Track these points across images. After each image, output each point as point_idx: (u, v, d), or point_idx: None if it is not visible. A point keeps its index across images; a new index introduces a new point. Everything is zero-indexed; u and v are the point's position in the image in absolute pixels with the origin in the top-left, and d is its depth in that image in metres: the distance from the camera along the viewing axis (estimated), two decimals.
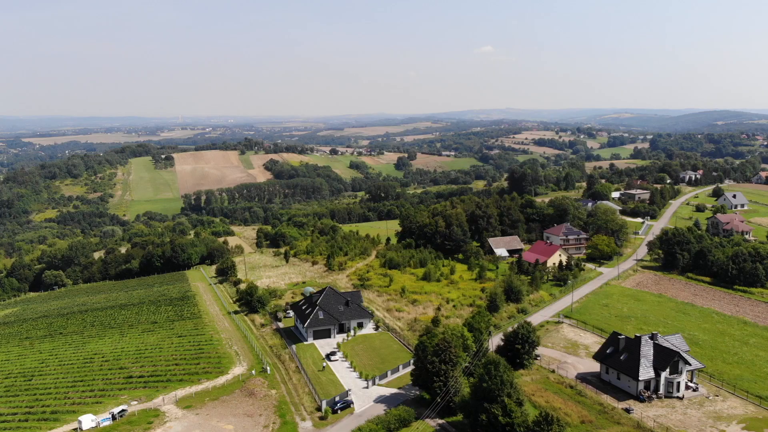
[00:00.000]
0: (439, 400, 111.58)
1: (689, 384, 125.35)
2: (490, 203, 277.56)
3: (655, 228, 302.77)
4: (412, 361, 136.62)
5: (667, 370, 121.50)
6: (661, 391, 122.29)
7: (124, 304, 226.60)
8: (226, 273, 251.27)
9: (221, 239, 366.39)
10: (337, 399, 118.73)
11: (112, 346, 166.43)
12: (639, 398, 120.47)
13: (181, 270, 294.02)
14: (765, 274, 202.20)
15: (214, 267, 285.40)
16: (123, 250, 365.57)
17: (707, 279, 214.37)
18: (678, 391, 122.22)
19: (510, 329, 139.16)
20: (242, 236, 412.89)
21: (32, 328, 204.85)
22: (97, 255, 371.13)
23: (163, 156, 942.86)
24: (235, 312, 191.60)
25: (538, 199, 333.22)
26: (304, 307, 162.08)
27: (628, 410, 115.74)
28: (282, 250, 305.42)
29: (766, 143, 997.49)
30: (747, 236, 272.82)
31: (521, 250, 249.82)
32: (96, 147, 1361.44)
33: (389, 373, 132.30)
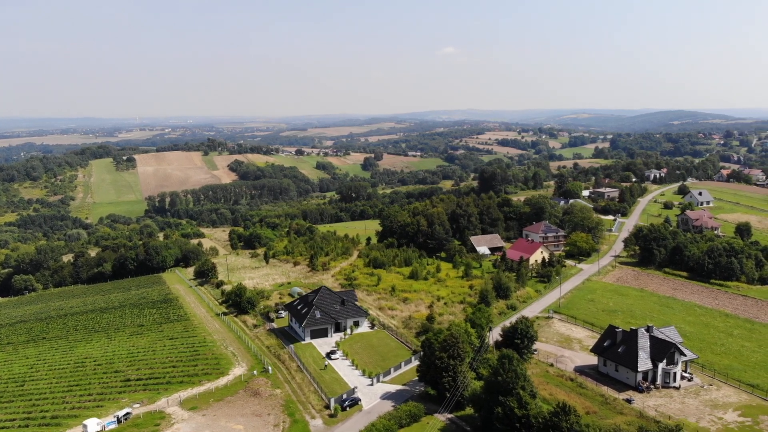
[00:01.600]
0: (448, 395, 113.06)
1: (684, 374, 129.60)
2: (470, 202, 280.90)
3: (627, 225, 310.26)
4: (413, 358, 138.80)
5: (664, 361, 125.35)
6: (659, 381, 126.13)
7: (104, 307, 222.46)
8: (206, 275, 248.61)
9: (194, 241, 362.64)
10: (344, 397, 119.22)
11: (101, 349, 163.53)
12: (638, 389, 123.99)
13: (155, 273, 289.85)
14: (740, 268, 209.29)
15: (190, 269, 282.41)
16: (93, 253, 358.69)
17: (684, 274, 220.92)
18: (674, 381, 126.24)
19: (508, 324, 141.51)
20: (213, 238, 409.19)
21: (12, 333, 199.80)
22: (65, 259, 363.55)
23: (124, 157, 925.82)
24: (224, 313, 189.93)
25: (513, 198, 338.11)
26: (299, 307, 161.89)
27: (629, 401, 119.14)
28: (259, 251, 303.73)
29: (722, 142, 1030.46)
30: (716, 232, 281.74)
31: (502, 247, 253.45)
32: (52, 149, 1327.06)
33: (392, 370, 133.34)
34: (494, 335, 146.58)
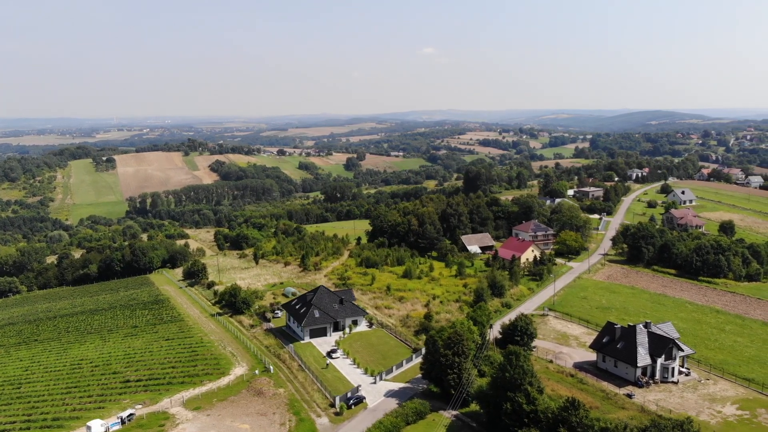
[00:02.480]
0: (453, 392, 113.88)
1: (682, 369, 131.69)
2: (460, 201, 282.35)
3: (613, 223, 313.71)
4: (414, 356, 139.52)
5: (663, 356, 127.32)
6: (657, 376, 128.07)
7: (93, 309, 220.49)
8: (195, 276, 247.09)
9: (180, 242, 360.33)
10: (349, 395, 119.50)
11: (96, 351, 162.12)
12: (638, 384, 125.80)
13: (142, 274, 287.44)
14: (727, 265, 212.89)
15: (178, 270, 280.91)
16: (77, 255, 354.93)
17: (672, 271, 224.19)
18: (673, 376, 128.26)
19: (507, 321, 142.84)
20: (197, 239, 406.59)
21: (1, 336, 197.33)
22: (48, 260, 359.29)
23: (103, 158, 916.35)
24: (218, 314, 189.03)
25: (500, 198, 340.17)
26: (297, 307, 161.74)
27: (629, 395, 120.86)
28: (247, 251, 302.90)
29: (700, 142, 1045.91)
30: (701, 230, 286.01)
31: (492, 246, 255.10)
32: (29, 149, 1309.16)
33: (394, 368, 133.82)
34: (494, 332, 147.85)
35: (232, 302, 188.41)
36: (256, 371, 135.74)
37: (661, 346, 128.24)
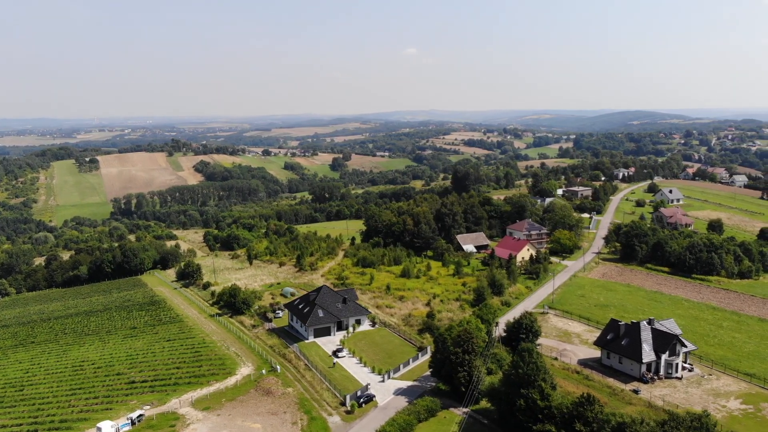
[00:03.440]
0: (464, 390, 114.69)
1: (685, 365, 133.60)
2: (454, 201, 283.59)
3: (603, 222, 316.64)
4: (419, 354, 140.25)
5: (667, 352, 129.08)
6: (662, 372, 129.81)
7: (88, 311, 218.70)
8: (189, 276, 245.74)
9: (171, 243, 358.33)
10: (359, 393, 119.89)
11: (97, 352, 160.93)
12: (643, 380, 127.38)
13: (133, 275, 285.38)
14: (720, 263, 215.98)
15: (170, 271, 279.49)
16: (65, 256, 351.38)
17: (666, 269, 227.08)
18: (676, 371, 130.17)
19: (512, 319, 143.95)
20: (186, 240, 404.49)
21: None
22: (36, 262, 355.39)
23: (87, 159, 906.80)
24: (218, 314, 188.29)
25: (493, 197, 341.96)
26: (301, 306, 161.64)
27: (635, 391, 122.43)
28: (240, 252, 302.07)
29: (683, 141, 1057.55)
30: (691, 228, 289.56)
31: (487, 245, 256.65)
32: (10, 150, 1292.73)
33: (401, 366, 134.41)
34: (498, 331, 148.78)
35: (232, 303, 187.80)
36: (263, 371, 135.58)
37: (664, 342, 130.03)
